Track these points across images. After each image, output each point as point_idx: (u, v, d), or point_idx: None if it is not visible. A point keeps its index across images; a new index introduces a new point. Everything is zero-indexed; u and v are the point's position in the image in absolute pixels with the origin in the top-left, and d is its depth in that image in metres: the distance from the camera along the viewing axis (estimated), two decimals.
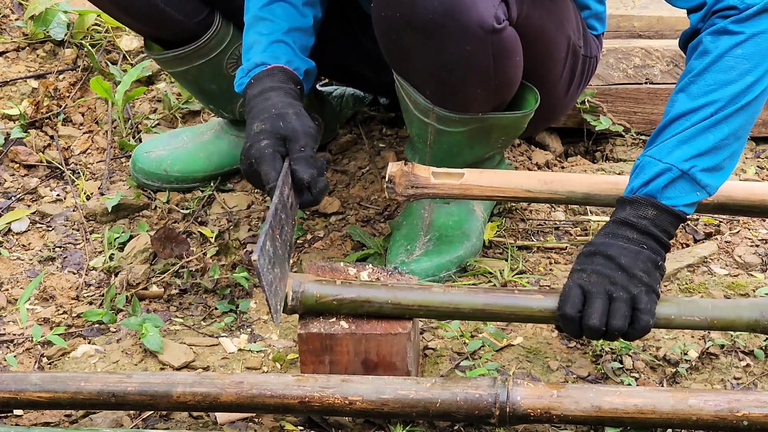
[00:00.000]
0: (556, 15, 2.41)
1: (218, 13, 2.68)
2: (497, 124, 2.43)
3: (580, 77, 2.58)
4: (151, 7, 2.60)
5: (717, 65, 2.11)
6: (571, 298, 2.07)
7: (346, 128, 3.06)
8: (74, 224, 2.79)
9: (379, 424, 2.14)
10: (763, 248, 2.62)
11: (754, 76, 2.11)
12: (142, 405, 2.07)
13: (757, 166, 2.94)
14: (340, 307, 2.14)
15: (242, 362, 2.34)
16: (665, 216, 2.11)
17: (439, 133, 2.43)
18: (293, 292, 2.14)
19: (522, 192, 2.36)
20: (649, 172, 2.12)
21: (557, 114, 2.67)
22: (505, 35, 2.24)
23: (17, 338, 2.42)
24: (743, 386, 2.24)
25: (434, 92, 2.35)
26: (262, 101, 2.34)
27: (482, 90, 2.33)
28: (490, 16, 2.19)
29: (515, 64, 2.32)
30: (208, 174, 2.87)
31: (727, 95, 2.10)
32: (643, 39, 3.10)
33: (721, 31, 2.12)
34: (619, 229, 2.12)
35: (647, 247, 2.10)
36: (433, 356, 2.32)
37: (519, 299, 2.13)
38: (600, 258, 2.10)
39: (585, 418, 2.01)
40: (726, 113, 2.10)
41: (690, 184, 2.11)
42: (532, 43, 2.34)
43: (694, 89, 2.12)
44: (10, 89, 3.21)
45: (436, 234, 2.57)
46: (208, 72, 2.72)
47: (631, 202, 2.13)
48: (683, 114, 2.12)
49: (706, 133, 2.10)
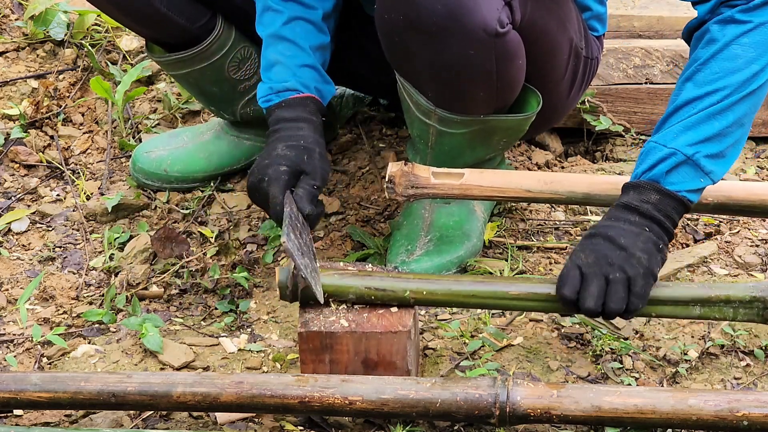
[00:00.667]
0: (559, 17, 2.41)
1: (220, 18, 2.67)
2: (499, 126, 2.43)
3: (582, 78, 2.58)
4: (153, 11, 2.60)
5: (723, 53, 2.13)
6: (569, 279, 2.10)
7: (346, 128, 3.06)
8: (74, 224, 2.79)
9: (379, 424, 2.14)
10: (763, 248, 2.62)
11: (759, 64, 2.13)
12: (142, 405, 2.07)
13: (757, 166, 2.94)
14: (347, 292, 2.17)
15: (242, 362, 2.34)
16: (669, 201, 2.12)
17: (441, 135, 2.43)
18: None
19: (522, 192, 2.36)
20: (653, 157, 2.13)
21: (559, 115, 2.67)
22: (508, 39, 2.24)
23: (17, 338, 2.42)
24: (743, 386, 2.24)
25: (436, 94, 2.35)
26: (293, 128, 2.41)
27: (484, 92, 2.33)
28: (494, 20, 2.19)
29: (518, 67, 2.32)
30: (208, 174, 2.87)
31: (734, 83, 2.12)
32: (643, 39, 3.10)
33: (729, 20, 2.14)
34: (622, 213, 2.13)
35: (649, 229, 2.11)
36: (433, 356, 2.32)
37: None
38: (599, 239, 2.11)
39: (585, 418, 2.01)
40: (731, 101, 2.12)
41: (694, 170, 2.12)
42: (535, 44, 2.34)
43: (701, 77, 2.13)
44: (10, 89, 3.21)
45: (437, 234, 2.57)
46: (210, 75, 2.72)
47: (635, 186, 2.14)
48: (689, 101, 2.14)
49: (712, 119, 2.12)
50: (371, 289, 2.17)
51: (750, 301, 2.16)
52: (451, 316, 2.44)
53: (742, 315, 2.16)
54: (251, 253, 2.66)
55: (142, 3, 2.59)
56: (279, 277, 2.20)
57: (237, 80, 2.72)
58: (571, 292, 2.09)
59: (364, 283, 2.17)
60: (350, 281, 2.18)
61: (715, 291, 2.16)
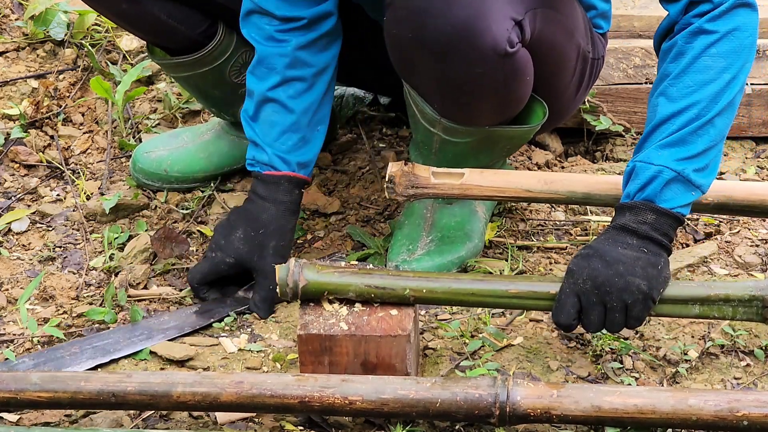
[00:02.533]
0: (566, 26, 2.39)
1: (221, 24, 2.67)
2: (504, 136, 2.43)
3: (588, 79, 2.56)
4: (155, 19, 2.60)
5: (694, 66, 2.14)
6: (566, 308, 2.11)
7: (346, 128, 3.06)
8: (74, 224, 2.79)
9: (379, 424, 2.14)
10: (763, 248, 2.62)
11: (731, 73, 2.13)
12: (142, 405, 2.07)
13: (757, 166, 2.94)
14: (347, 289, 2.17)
15: (242, 362, 2.34)
16: (665, 219, 2.13)
17: (445, 143, 2.42)
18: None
19: (522, 192, 2.36)
20: (643, 177, 2.13)
21: (563, 117, 2.66)
22: (517, 57, 2.22)
23: (17, 338, 2.42)
24: (743, 386, 2.24)
25: (442, 106, 2.34)
26: (259, 210, 2.48)
27: (491, 107, 2.32)
28: (504, 41, 2.17)
29: (526, 83, 2.31)
30: (208, 174, 2.87)
31: (708, 95, 2.13)
32: (643, 39, 3.10)
33: (696, 32, 2.14)
34: (619, 235, 2.13)
35: (647, 251, 2.11)
36: (433, 356, 2.32)
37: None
38: (597, 261, 2.10)
39: (585, 418, 2.01)
40: (710, 115, 2.13)
41: (685, 185, 2.13)
42: (544, 59, 2.33)
43: (674, 92, 2.14)
44: (10, 89, 3.21)
45: (439, 234, 2.57)
46: (211, 78, 2.72)
47: (630, 208, 2.14)
48: (667, 118, 2.15)
49: (694, 135, 2.13)
50: (371, 287, 2.17)
51: (749, 299, 2.16)
52: (451, 316, 2.44)
53: (741, 314, 2.17)
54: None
55: (143, 12, 2.59)
56: (279, 274, 2.20)
57: (238, 84, 2.72)
58: (569, 321, 2.13)
59: (364, 281, 2.17)
60: (350, 279, 2.18)
61: (714, 290, 2.16)
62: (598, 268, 2.10)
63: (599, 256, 2.11)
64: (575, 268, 2.12)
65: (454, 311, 2.45)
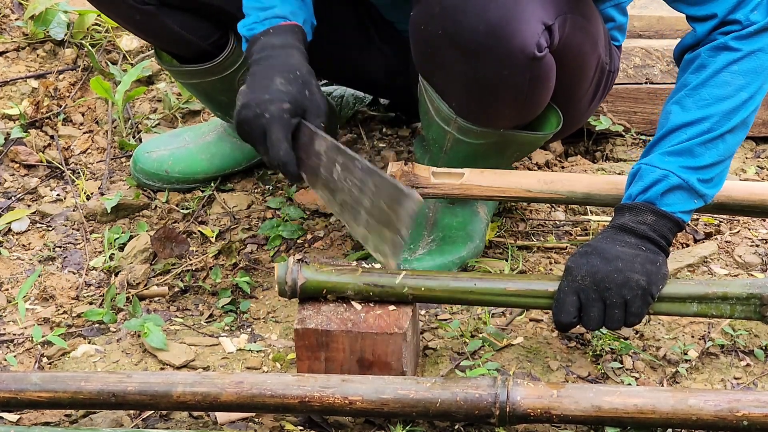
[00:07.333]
0: (592, 35, 2.38)
1: (233, 35, 2.67)
2: (516, 141, 2.43)
3: (602, 91, 2.56)
4: (167, 29, 2.60)
5: (713, 80, 2.16)
6: (566, 306, 2.12)
7: (346, 128, 3.06)
8: (74, 224, 2.79)
9: (379, 424, 2.14)
10: (763, 248, 2.62)
11: (748, 92, 2.15)
12: (142, 405, 2.07)
13: (757, 166, 2.94)
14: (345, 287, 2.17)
15: (242, 362, 2.34)
16: (664, 222, 2.14)
17: (457, 142, 2.42)
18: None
19: (522, 192, 2.36)
20: (648, 179, 2.14)
21: (573, 127, 2.64)
22: (543, 62, 2.22)
23: (17, 338, 2.42)
24: (743, 386, 2.24)
25: (461, 105, 2.34)
26: (285, 56, 2.26)
27: (511, 110, 2.32)
28: (533, 44, 2.17)
29: (548, 89, 2.32)
30: (209, 175, 2.87)
31: (723, 110, 2.14)
32: (643, 39, 3.10)
33: (721, 47, 2.16)
34: (617, 234, 2.14)
35: (645, 249, 2.12)
36: (433, 356, 2.32)
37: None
38: (595, 258, 2.11)
39: (585, 418, 2.02)
40: (722, 131, 2.14)
41: (688, 193, 2.15)
42: (568, 65, 2.33)
43: (690, 102, 2.16)
44: (10, 89, 3.21)
45: (440, 234, 2.57)
46: (220, 86, 2.71)
47: (630, 208, 2.15)
48: (679, 127, 2.16)
49: (702, 148, 2.15)
50: (370, 285, 2.17)
51: (747, 297, 2.16)
52: (451, 316, 2.44)
53: (739, 312, 2.17)
54: (251, 253, 2.66)
55: (156, 23, 2.59)
56: (278, 272, 2.20)
57: None
58: (569, 319, 2.13)
59: (363, 279, 2.17)
60: (348, 277, 2.18)
61: (712, 288, 2.16)
62: (596, 265, 2.11)
63: (598, 253, 2.12)
64: (574, 266, 2.12)
65: (454, 311, 2.45)
